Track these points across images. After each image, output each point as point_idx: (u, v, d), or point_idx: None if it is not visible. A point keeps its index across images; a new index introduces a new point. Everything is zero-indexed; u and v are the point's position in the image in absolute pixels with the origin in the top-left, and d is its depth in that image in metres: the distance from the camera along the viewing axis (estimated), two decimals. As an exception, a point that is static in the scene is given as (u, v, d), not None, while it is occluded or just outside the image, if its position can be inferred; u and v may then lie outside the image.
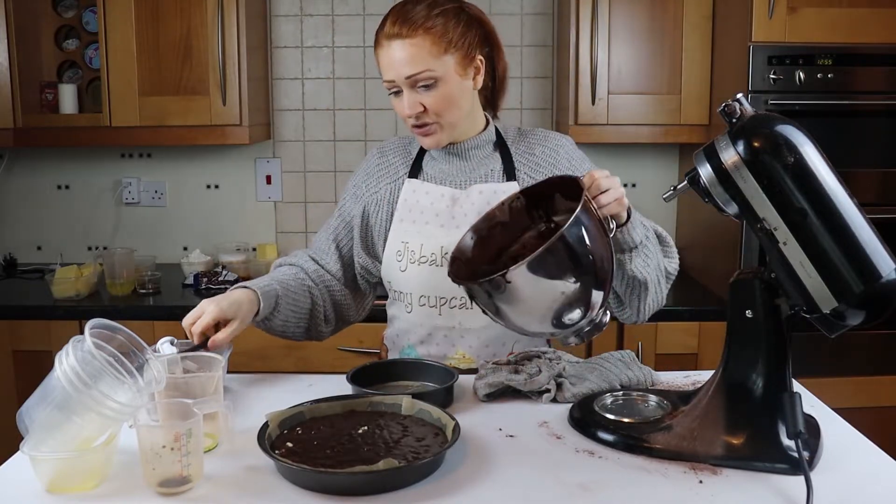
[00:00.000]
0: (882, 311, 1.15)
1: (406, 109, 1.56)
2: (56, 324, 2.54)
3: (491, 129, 1.69)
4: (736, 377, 1.26)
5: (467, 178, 1.66)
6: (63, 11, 3.04)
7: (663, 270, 1.61)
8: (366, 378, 1.51)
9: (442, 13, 1.54)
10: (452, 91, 1.56)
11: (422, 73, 1.53)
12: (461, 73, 1.57)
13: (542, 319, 1.30)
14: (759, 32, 2.43)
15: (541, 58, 3.08)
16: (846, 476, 1.20)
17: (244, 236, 3.18)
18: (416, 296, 1.66)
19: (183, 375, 1.37)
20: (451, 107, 1.57)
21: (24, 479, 1.17)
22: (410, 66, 1.52)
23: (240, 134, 2.77)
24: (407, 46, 1.52)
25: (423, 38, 1.52)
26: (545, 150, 1.68)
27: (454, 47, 1.55)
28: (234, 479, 1.19)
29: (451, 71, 1.55)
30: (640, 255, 1.51)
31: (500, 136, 1.70)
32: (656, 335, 2.54)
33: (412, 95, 1.55)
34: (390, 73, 1.55)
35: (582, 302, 1.29)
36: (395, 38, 1.53)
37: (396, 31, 1.53)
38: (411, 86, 1.54)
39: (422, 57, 1.52)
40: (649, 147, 3.06)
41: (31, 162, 3.17)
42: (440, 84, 1.54)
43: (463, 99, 1.59)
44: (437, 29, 1.53)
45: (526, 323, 1.33)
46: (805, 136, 1.17)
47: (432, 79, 1.53)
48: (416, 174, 1.70)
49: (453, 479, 1.18)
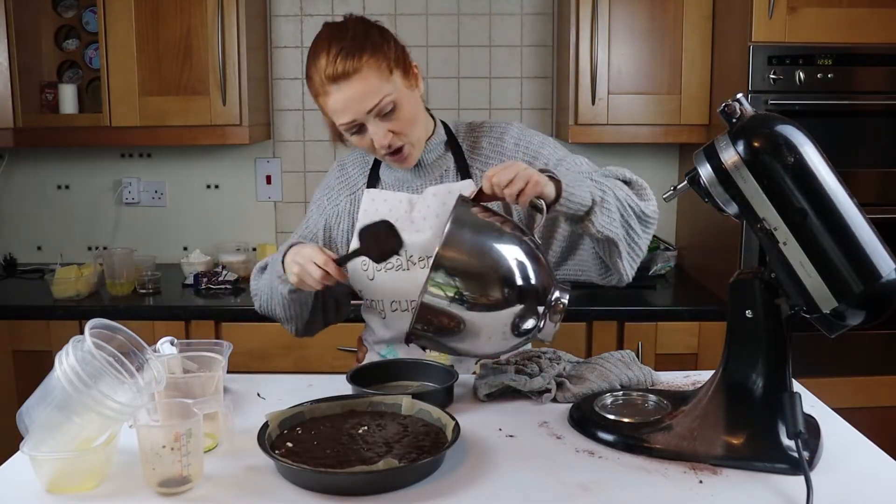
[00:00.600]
0: (882, 311, 1.15)
1: (380, 140, 1.54)
2: (56, 324, 2.54)
3: (440, 128, 1.68)
4: (736, 377, 1.26)
5: (423, 182, 1.66)
6: (63, 11, 3.04)
7: (635, 216, 1.54)
8: (366, 378, 1.51)
9: (368, 37, 1.52)
10: (410, 107, 1.56)
11: (382, 100, 1.50)
12: (409, 87, 1.56)
13: (501, 337, 1.34)
14: (759, 32, 2.43)
15: (541, 58, 3.08)
16: (846, 476, 1.20)
17: (244, 236, 3.17)
18: (388, 302, 1.66)
19: (183, 375, 1.37)
20: (414, 123, 1.57)
21: (24, 479, 1.17)
22: (369, 98, 1.50)
23: (240, 134, 2.77)
24: (357, 82, 1.49)
25: (369, 68, 1.49)
26: (490, 140, 1.67)
27: (395, 64, 1.53)
28: (234, 479, 1.19)
29: (402, 88, 1.54)
30: (601, 214, 1.45)
31: (451, 134, 1.70)
32: (656, 335, 2.54)
33: (378, 126, 1.53)
34: (348, 114, 1.51)
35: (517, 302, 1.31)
36: (341, 78, 1.49)
37: (340, 71, 1.48)
38: (375, 117, 1.52)
39: (375, 86, 1.50)
40: (649, 147, 3.06)
41: (31, 162, 3.17)
42: (399, 105, 1.53)
43: (419, 111, 1.60)
44: (376, 54, 1.51)
45: (488, 346, 1.37)
46: (805, 136, 1.17)
47: (391, 103, 1.52)
48: (374, 184, 1.70)
49: (453, 479, 1.18)
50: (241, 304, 2.61)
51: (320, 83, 1.51)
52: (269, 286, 1.65)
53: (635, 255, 1.57)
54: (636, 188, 1.58)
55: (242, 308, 2.57)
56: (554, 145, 1.68)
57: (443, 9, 3.04)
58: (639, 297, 2.71)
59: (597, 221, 1.44)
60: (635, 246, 1.55)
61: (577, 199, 1.41)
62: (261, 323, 2.54)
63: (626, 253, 1.53)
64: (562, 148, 1.69)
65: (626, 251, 1.53)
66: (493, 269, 1.31)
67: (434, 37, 3.06)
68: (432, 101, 3.09)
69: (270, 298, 1.67)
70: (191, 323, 2.55)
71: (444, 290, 1.29)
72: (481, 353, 1.41)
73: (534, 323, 1.34)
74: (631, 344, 2.52)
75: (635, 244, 1.55)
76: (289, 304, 1.62)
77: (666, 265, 2.95)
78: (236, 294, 2.71)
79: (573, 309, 2.52)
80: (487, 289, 1.30)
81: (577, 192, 1.41)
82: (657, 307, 2.58)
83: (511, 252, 1.33)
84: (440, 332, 1.33)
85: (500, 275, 1.31)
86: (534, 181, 1.34)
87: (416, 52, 3.03)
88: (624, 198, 1.51)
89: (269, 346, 2.54)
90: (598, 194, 1.45)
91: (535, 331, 1.35)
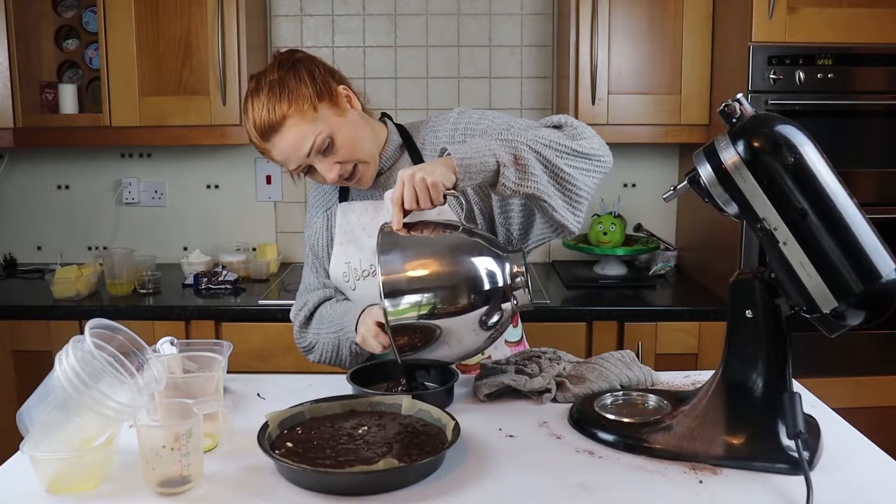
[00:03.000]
0: (882, 311, 1.15)
1: (329, 176, 1.55)
2: (56, 324, 2.54)
3: (393, 134, 1.69)
4: (736, 377, 1.26)
5: (384, 187, 1.67)
6: (63, 11, 3.04)
7: (567, 156, 1.43)
8: (366, 378, 1.51)
9: (283, 84, 1.53)
10: (347, 133, 1.56)
11: (315, 140, 1.52)
12: (340, 114, 1.56)
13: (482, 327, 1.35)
14: (759, 32, 2.43)
15: (541, 58, 3.08)
16: (846, 476, 1.20)
17: (244, 236, 3.18)
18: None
19: (183, 375, 1.37)
20: (357, 144, 1.57)
21: (24, 479, 1.17)
22: (303, 143, 1.52)
23: (240, 134, 2.76)
24: (285, 132, 1.51)
25: (294, 113, 1.51)
26: (435, 131, 1.67)
27: (318, 99, 1.53)
28: (234, 479, 1.19)
29: (333, 118, 1.54)
30: (512, 172, 1.37)
31: (406, 132, 1.70)
32: (656, 335, 2.54)
33: (323, 162, 1.55)
34: (293, 161, 1.54)
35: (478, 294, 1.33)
36: (271, 133, 1.52)
37: (267, 126, 1.51)
38: (316, 155, 1.54)
39: (304, 129, 1.51)
40: (649, 147, 3.06)
41: (31, 162, 3.17)
42: (335, 136, 1.54)
43: (360, 130, 1.60)
44: (295, 99, 1.52)
45: (468, 343, 1.38)
46: (805, 136, 1.17)
47: (327, 138, 1.53)
48: (345, 197, 1.72)
49: (453, 479, 1.18)
50: (241, 304, 2.61)
51: (257, 141, 1.56)
52: (333, 344, 1.69)
53: (574, 202, 1.45)
54: (566, 129, 1.49)
55: (242, 308, 2.57)
56: (493, 117, 1.63)
57: (443, 9, 3.04)
58: (639, 297, 2.71)
59: (508, 181, 1.37)
60: (571, 191, 1.44)
61: (477, 167, 1.35)
62: (261, 323, 2.55)
63: (561, 203, 1.44)
64: (502, 117, 1.64)
65: (562, 201, 1.44)
66: (441, 277, 1.33)
67: (434, 37, 3.06)
68: (433, 101, 3.09)
69: (335, 352, 1.70)
70: (191, 323, 2.55)
71: (405, 313, 1.31)
72: (471, 351, 1.40)
73: (503, 307, 1.35)
74: (631, 344, 2.52)
75: (570, 190, 1.44)
76: (356, 356, 1.68)
77: (666, 265, 2.95)
78: (236, 294, 2.71)
79: (573, 309, 2.55)
80: (444, 296, 1.32)
81: (474, 160, 1.35)
82: (657, 307, 2.58)
83: (449, 253, 1.35)
84: (424, 345, 1.35)
85: (450, 280, 1.33)
86: (430, 183, 1.33)
87: (416, 51, 3.07)
88: (545, 144, 1.41)
89: (269, 346, 2.54)
90: (506, 152, 1.37)
91: (511, 309, 1.36)
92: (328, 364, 1.74)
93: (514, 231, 1.62)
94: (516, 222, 1.61)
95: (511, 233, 1.62)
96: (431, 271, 1.33)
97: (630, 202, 3.12)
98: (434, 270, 1.33)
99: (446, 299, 1.32)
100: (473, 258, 1.34)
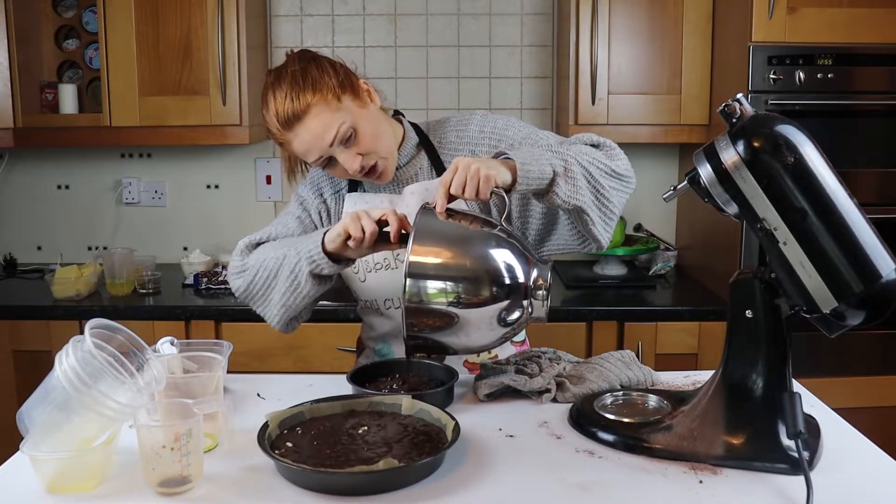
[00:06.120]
0: (882, 311, 1.15)
1: (351, 166, 1.55)
2: (56, 324, 2.54)
3: (410, 132, 1.69)
4: (736, 377, 1.26)
5: (403, 182, 1.67)
6: (63, 11, 3.04)
7: (606, 176, 1.50)
8: (366, 378, 1.51)
9: (306, 74, 1.53)
10: (370, 125, 1.56)
11: (339, 129, 1.52)
12: (362, 106, 1.57)
13: (490, 328, 1.35)
14: (759, 32, 2.43)
15: (541, 58, 3.08)
16: (846, 476, 1.20)
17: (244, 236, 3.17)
18: (382, 301, 1.68)
19: (183, 375, 1.37)
20: (379, 138, 1.58)
21: (24, 479, 1.17)
22: (327, 132, 1.52)
23: (240, 134, 2.77)
24: (309, 121, 1.51)
25: (318, 101, 1.51)
26: (457, 132, 1.68)
27: (341, 90, 1.54)
28: (234, 479, 1.19)
29: (356, 109, 1.55)
30: (565, 184, 1.41)
31: (423, 133, 1.70)
32: (656, 335, 2.54)
33: (346, 153, 1.55)
34: (315, 151, 1.54)
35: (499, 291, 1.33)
36: (294, 121, 1.52)
37: (290, 115, 1.51)
38: (339, 146, 1.54)
39: (328, 118, 1.51)
40: (649, 147, 3.06)
41: (31, 162, 3.17)
42: (358, 127, 1.54)
43: (381, 124, 1.60)
44: (319, 88, 1.52)
45: (483, 339, 1.38)
46: (805, 136, 1.17)
47: (350, 128, 1.53)
48: (354, 187, 1.71)
49: (453, 479, 1.18)
50: (241, 304, 2.59)
51: (278, 132, 1.55)
52: (276, 262, 1.58)
53: (608, 218, 1.52)
54: (604, 149, 1.56)
55: (242, 308, 2.56)
56: (518, 125, 1.67)
57: (443, 9, 3.04)
58: (639, 297, 2.71)
59: (561, 192, 1.41)
60: (607, 208, 1.51)
61: (536, 175, 1.38)
62: (261, 323, 2.52)
63: (598, 218, 1.50)
64: (527, 126, 1.68)
65: (599, 216, 1.50)
66: (467, 268, 1.33)
67: (434, 37, 3.06)
68: (433, 101, 3.09)
69: (272, 276, 1.59)
70: (191, 323, 2.55)
71: (423, 297, 1.31)
72: (477, 346, 1.40)
73: (521, 310, 1.35)
74: (631, 344, 2.52)
75: (607, 207, 1.51)
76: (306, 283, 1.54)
77: (666, 265, 2.95)
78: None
79: (573, 309, 2.55)
80: (467, 287, 1.32)
81: (533, 167, 1.38)
82: (657, 307, 2.58)
83: (480, 246, 1.34)
84: (434, 331, 1.34)
85: (474, 272, 1.33)
86: (483, 176, 1.34)
87: (416, 51, 3.07)
88: (589, 161, 1.47)
89: (269, 346, 2.54)
90: (559, 164, 1.41)
91: (526, 315, 1.35)
92: (254, 299, 1.64)
93: (530, 237, 1.63)
94: (533, 229, 1.63)
95: (526, 238, 1.63)
96: (461, 259, 1.33)
97: (630, 202, 3.08)
98: (464, 259, 1.33)
99: (469, 288, 1.31)
100: (504, 256, 1.34)
